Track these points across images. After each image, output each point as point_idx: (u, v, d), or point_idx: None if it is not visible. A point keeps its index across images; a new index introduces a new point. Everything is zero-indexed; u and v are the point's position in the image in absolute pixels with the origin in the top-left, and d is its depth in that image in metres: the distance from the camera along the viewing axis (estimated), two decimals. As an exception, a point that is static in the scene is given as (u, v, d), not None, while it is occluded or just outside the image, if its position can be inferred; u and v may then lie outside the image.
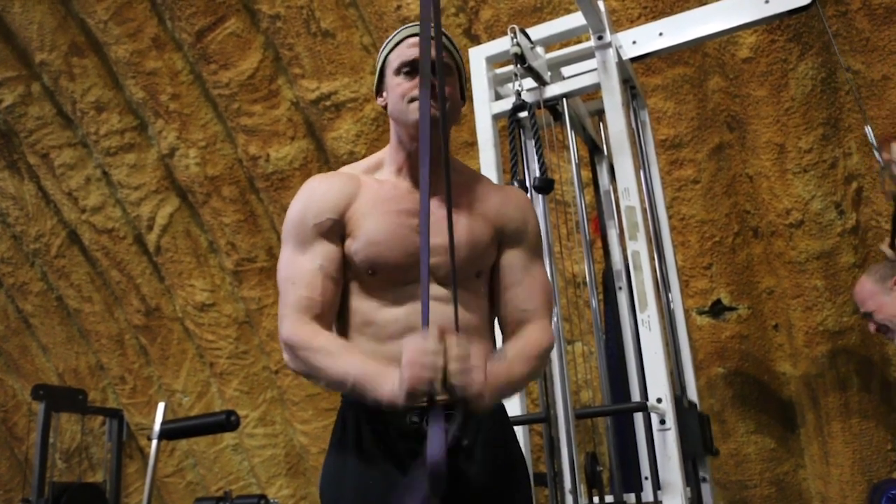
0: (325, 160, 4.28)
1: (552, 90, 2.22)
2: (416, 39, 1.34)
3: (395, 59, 1.36)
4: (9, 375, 6.19)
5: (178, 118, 4.32)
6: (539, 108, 2.23)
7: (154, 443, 4.68)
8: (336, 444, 1.29)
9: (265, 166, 4.28)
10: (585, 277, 2.43)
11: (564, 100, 2.22)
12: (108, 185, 4.85)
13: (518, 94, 2.08)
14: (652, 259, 2.09)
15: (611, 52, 2.13)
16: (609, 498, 2.15)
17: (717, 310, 3.57)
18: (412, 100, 1.31)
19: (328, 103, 3.98)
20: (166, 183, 4.68)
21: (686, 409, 2.12)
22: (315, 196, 1.33)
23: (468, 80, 2.40)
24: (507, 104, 2.24)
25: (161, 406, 4.90)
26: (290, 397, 4.81)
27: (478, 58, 2.36)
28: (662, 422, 1.78)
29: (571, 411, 1.83)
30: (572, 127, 2.42)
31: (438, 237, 1.23)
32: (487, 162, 2.22)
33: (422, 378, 1.07)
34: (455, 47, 1.40)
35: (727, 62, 3.16)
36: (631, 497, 2.23)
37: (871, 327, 2.66)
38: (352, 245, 1.29)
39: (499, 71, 2.43)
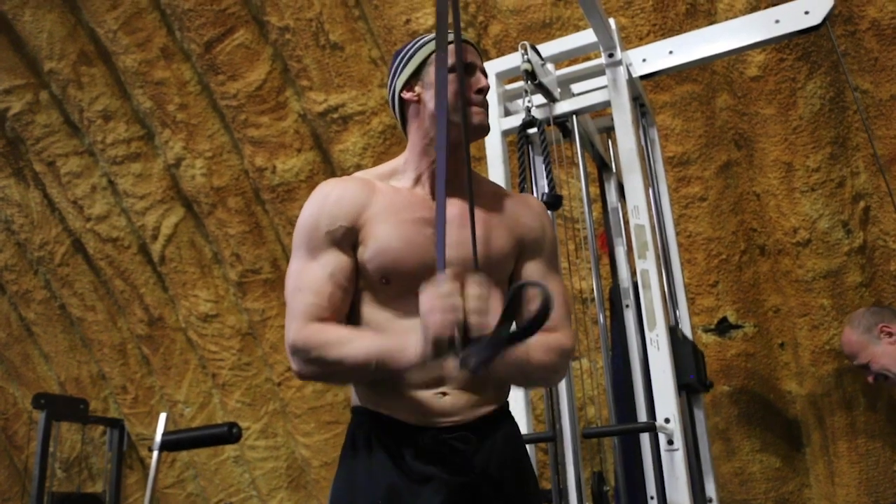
0: (332, 172, 4.28)
1: (562, 107, 2.22)
2: (468, 47, 1.34)
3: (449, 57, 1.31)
4: (10, 383, 6.18)
5: (185, 128, 4.33)
6: (549, 124, 2.22)
7: (155, 454, 4.66)
8: (346, 463, 1.26)
9: (271, 178, 4.28)
10: (591, 293, 2.42)
11: (574, 117, 2.22)
12: (113, 194, 4.85)
13: (528, 110, 2.07)
14: (661, 277, 2.08)
15: (621, 69, 2.13)
16: (614, 517, 2.14)
17: (722, 328, 3.56)
18: (473, 105, 1.29)
19: (335, 116, 3.99)
20: (172, 193, 4.68)
21: (680, 339, 2.11)
22: (328, 202, 1.28)
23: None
24: (516, 120, 2.24)
25: (162, 417, 4.88)
26: (292, 410, 4.79)
27: (487, 73, 2.36)
28: (670, 442, 1.76)
29: (578, 431, 1.82)
30: (581, 144, 2.42)
31: (458, 247, 1.21)
32: (496, 178, 2.22)
33: (445, 322, 1.04)
34: None
35: (735, 80, 3.16)
36: (636, 517, 2.21)
37: (869, 378, 2.64)
38: (365, 252, 1.25)
39: (508, 87, 2.44)
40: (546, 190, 2.01)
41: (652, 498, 2.24)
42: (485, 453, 1.22)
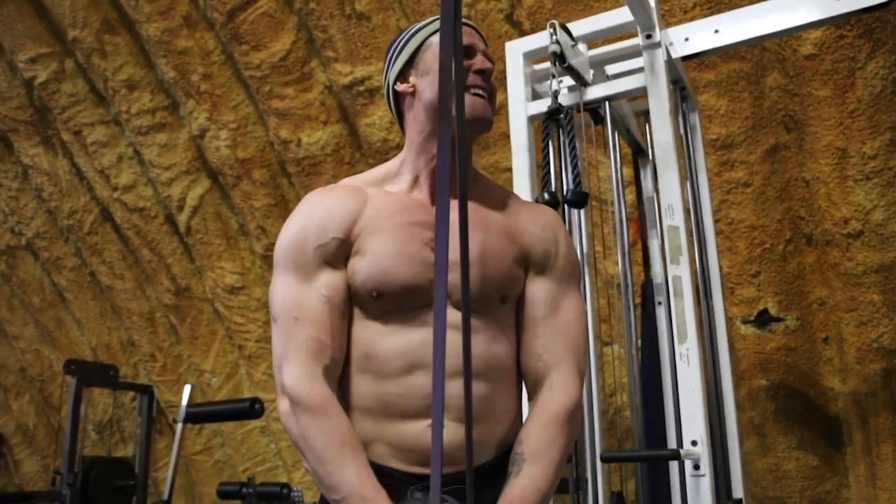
0: (359, 146, 4.15)
1: (594, 92, 2.04)
2: (469, 30, 1.20)
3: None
4: (45, 346, 6.27)
5: (208, 99, 4.22)
6: (578, 110, 2.05)
7: (179, 426, 4.67)
8: None
9: (296, 151, 4.16)
10: (623, 283, 2.25)
11: (607, 103, 2.04)
12: (139, 164, 4.80)
13: (555, 96, 1.90)
14: (695, 278, 1.92)
15: (660, 52, 1.93)
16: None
17: (763, 320, 3.38)
18: (471, 89, 1.14)
19: (362, 88, 3.84)
20: (197, 164, 4.61)
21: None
22: (316, 214, 1.15)
23: (503, 76, 2.24)
24: (544, 105, 2.07)
25: (187, 389, 4.89)
26: (316, 385, 4.75)
27: (515, 53, 2.18)
28: (696, 467, 1.62)
29: (599, 453, 1.68)
30: (615, 129, 2.24)
31: (456, 253, 1.05)
32: (521, 167, 2.05)
33: None
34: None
35: (788, 58, 2.92)
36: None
37: None
38: (357, 264, 1.13)
39: (537, 67, 2.25)
40: (571, 186, 1.85)
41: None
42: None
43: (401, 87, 1.21)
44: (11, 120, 4.95)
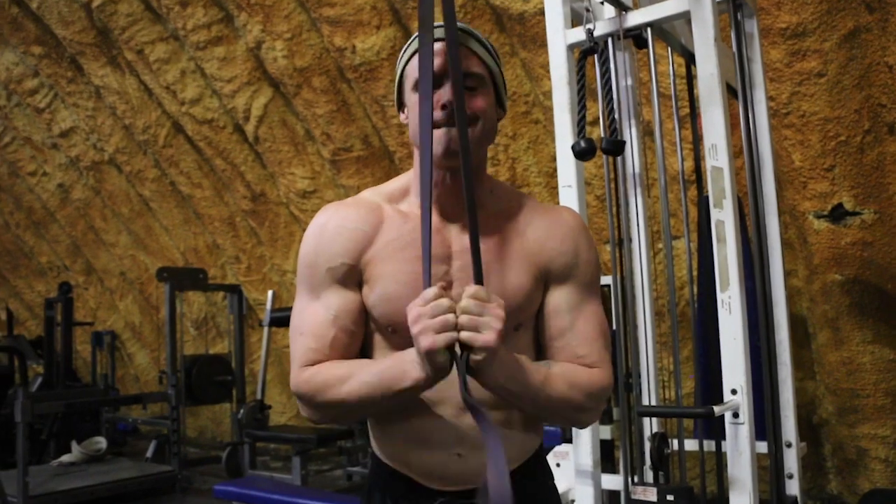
0: (413, 49, 4.05)
1: (634, 18, 1.90)
2: (438, 46, 1.06)
3: (412, 73, 1.09)
4: (139, 252, 6.68)
5: (260, 10, 4.17)
6: (619, 38, 1.93)
7: (265, 330, 4.97)
8: None
9: (352, 58, 4.11)
10: (690, 175, 2.16)
11: (649, 29, 1.90)
12: (202, 78, 4.86)
13: (590, 34, 1.78)
14: (739, 231, 1.84)
15: (705, -30, 1.77)
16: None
17: (837, 214, 3.23)
18: (436, 126, 1.06)
19: (412, -10, 3.70)
20: (258, 74, 4.62)
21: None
22: (326, 235, 1.11)
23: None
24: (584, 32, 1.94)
25: (270, 294, 5.14)
26: (390, 284, 4.91)
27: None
28: (736, 415, 1.63)
29: (633, 410, 1.71)
30: (667, 43, 2.11)
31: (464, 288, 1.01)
32: (561, 103, 1.96)
33: (433, 332, 0.93)
34: (487, 45, 1.11)
35: (869, -66, 2.63)
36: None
37: None
38: (368, 296, 1.11)
39: (578, -16, 2.09)
40: (607, 133, 1.77)
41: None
42: None
43: (403, 118, 1.17)
44: (77, 43, 5.06)
